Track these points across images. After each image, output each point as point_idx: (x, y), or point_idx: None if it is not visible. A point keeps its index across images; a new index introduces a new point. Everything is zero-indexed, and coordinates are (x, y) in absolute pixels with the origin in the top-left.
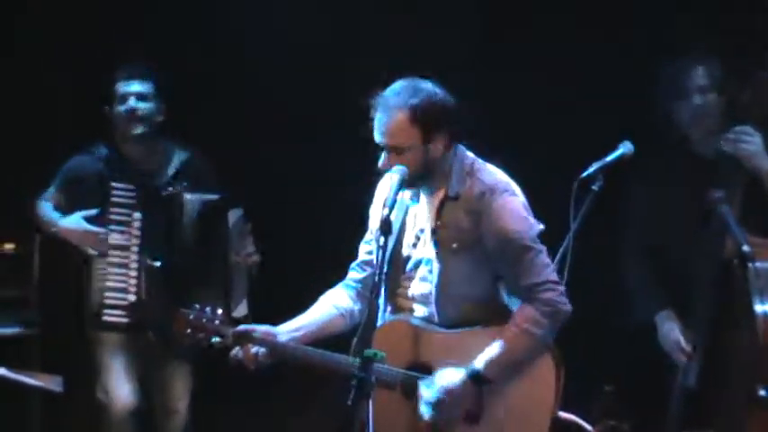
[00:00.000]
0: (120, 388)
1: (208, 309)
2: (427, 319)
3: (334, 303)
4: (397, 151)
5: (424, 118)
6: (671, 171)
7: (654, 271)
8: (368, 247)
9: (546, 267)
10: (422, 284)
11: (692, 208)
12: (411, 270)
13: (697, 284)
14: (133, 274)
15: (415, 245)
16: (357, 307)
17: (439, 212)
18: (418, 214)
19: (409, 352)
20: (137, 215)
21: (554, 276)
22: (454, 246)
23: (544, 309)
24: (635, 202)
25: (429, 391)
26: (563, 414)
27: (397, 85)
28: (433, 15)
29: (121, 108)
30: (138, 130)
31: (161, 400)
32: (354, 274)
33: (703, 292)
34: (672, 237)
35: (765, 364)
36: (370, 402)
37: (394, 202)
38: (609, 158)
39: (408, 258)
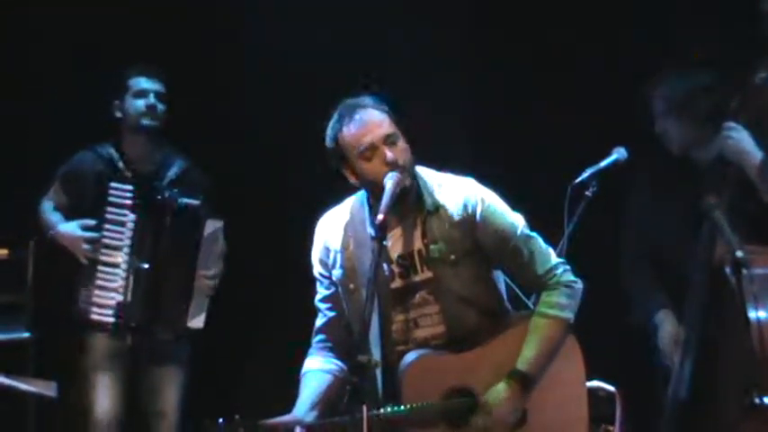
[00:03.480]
0: (103, 398)
1: (221, 420)
2: (440, 342)
3: (323, 369)
4: (392, 140)
5: (395, 120)
6: (669, 176)
7: (653, 274)
8: (327, 304)
9: (549, 250)
10: (423, 308)
11: (689, 213)
12: (404, 300)
13: (689, 290)
14: (123, 274)
15: (402, 274)
16: (343, 364)
17: (423, 230)
18: (391, 245)
19: (443, 382)
20: (131, 216)
21: (558, 257)
22: (452, 258)
23: (567, 290)
24: (634, 206)
25: (483, 417)
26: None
27: (347, 100)
28: (423, 15)
29: (140, 102)
30: (153, 123)
31: (149, 404)
32: (323, 336)
33: (694, 298)
34: (669, 242)
35: (760, 371)
36: None
37: (388, 207)
38: (602, 164)
39: (397, 291)
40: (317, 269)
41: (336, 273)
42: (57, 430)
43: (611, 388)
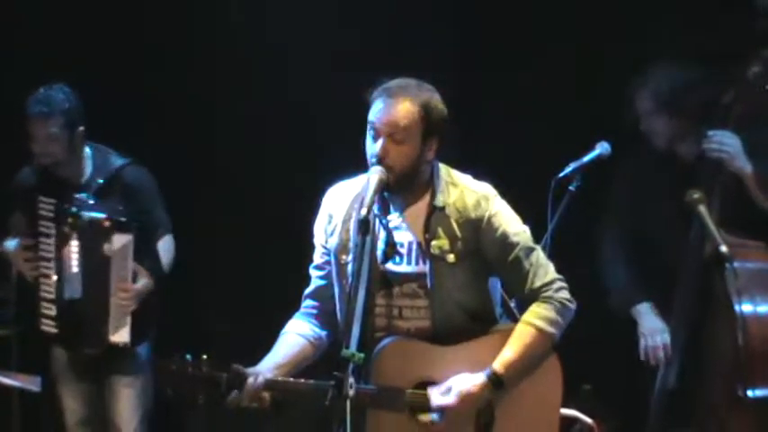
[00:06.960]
0: (72, 406)
1: (189, 356)
2: (422, 335)
3: (301, 333)
4: (397, 140)
5: (429, 117)
6: (653, 170)
7: (637, 267)
8: (319, 272)
9: (549, 265)
10: (411, 300)
11: (674, 208)
12: (391, 287)
13: (677, 284)
14: (55, 285)
15: (394, 260)
16: (324, 333)
17: (427, 225)
18: (392, 230)
19: (415, 371)
20: (53, 230)
21: (557, 273)
22: (450, 257)
23: (559, 307)
24: (618, 197)
25: (442, 397)
26: (563, 410)
27: (404, 80)
28: (412, 16)
29: (35, 147)
30: (47, 161)
31: (107, 415)
32: (310, 302)
33: (683, 291)
34: (653, 236)
35: (747, 364)
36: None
37: (372, 201)
38: (586, 159)
39: (387, 276)
40: (317, 237)
41: (333, 243)
42: (41, 424)
43: (589, 420)
